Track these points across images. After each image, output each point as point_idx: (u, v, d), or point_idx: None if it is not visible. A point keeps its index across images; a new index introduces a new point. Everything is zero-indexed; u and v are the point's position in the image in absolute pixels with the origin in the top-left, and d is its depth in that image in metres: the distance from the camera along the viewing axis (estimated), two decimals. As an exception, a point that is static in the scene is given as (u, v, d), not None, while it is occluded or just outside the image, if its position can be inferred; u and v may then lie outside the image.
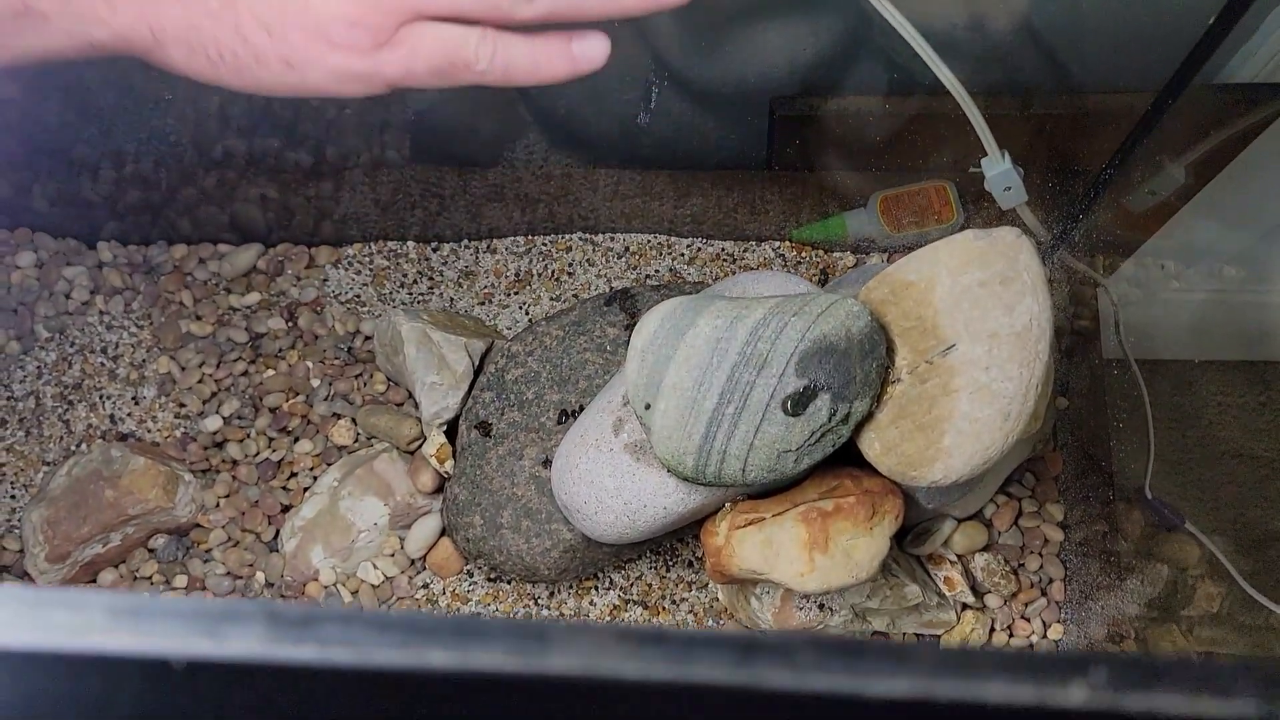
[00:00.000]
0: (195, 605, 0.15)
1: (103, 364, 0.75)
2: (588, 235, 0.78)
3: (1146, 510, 0.68)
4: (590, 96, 0.74)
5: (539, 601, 0.69)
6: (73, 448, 0.73)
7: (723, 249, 0.78)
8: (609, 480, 0.59)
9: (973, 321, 0.54)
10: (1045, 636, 0.68)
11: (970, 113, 0.64)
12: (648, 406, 0.55)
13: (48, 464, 0.73)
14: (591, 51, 0.41)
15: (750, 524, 0.58)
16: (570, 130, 0.77)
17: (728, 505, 0.60)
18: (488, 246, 0.79)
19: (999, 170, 0.67)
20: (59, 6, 0.36)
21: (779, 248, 0.78)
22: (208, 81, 0.38)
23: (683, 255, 0.78)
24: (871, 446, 0.55)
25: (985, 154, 0.67)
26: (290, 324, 0.77)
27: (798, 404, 0.53)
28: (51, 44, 0.37)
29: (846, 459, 0.58)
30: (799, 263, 0.77)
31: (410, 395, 0.72)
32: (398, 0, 0.37)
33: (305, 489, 0.71)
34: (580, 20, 0.40)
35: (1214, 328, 0.75)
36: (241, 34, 0.37)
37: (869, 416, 0.55)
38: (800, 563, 0.57)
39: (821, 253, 0.78)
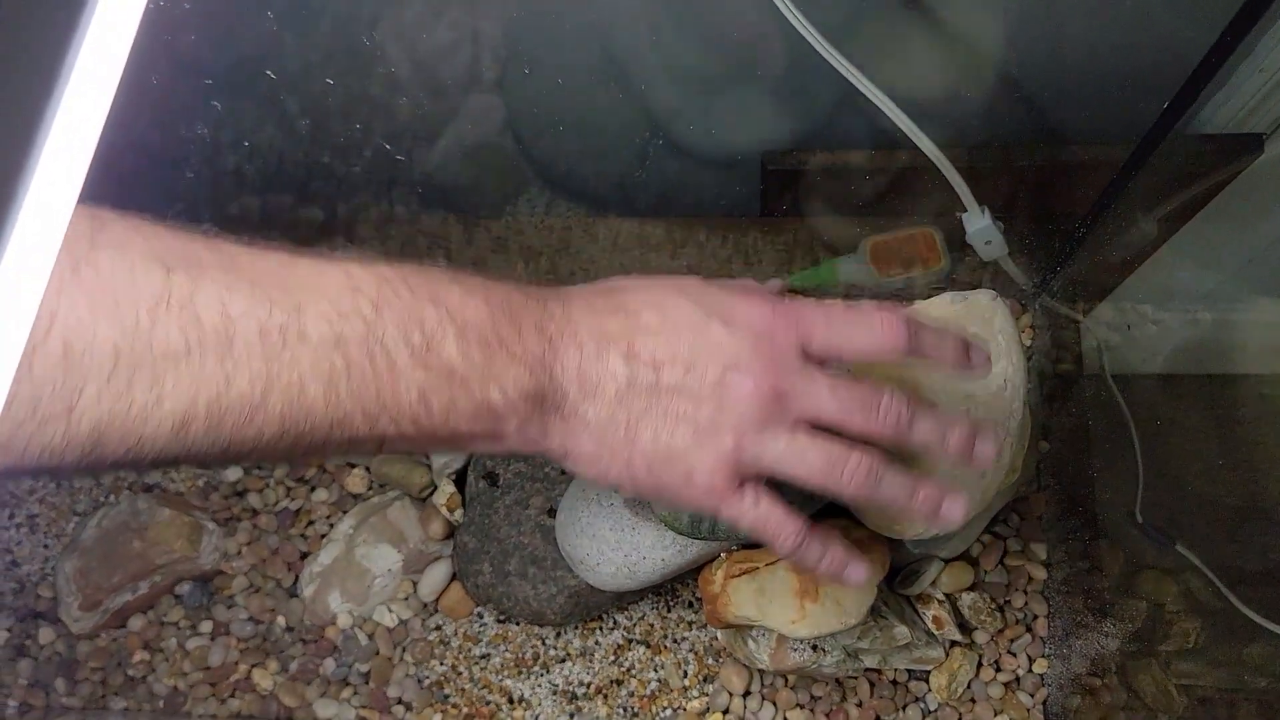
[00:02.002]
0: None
1: (128, 418, 0.79)
2: (588, 287, 0.82)
3: (1137, 535, 0.71)
4: (590, 153, 0.78)
5: (546, 642, 0.72)
6: (101, 499, 0.77)
7: (718, 298, 0.81)
8: (609, 534, 0.62)
9: (950, 382, 0.57)
10: (1030, 671, 0.71)
11: (948, 173, 0.67)
12: (645, 465, 0.59)
13: (78, 514, 0.76)
14: (954, 515, 0.48)
15: (744, 573, 0.61)
16: (571, 185, 0.81)
17: (723, 555, 0.63)
18: (493, 298, 0.82)
19: (979, 226, 0.70)
20: (503, 435, 0.43)
21: (772, 297, 0.81)
22: (583, 475, 0.46)
23: (679, 305, 0.81)
24: (856, 503, 0.58)
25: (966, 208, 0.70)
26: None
27: (785, 464, 0.56)
28: (487, 450, 0.47)
29: (835, 511, 0.61)
30: (791, 310, 0.80)
31: (421, 443, 0.76)
32: (747, 473, 0.45)
33: (322, 536, 0.75)
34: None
35: (1187, 356, 0.77)
36: (630, 466, 0.45)
37: (853, 474, 0.58)
38: (792, 610, 0.60)
39: (813, 300, 0.81)
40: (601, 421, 0.44)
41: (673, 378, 0.44)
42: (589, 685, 0.71)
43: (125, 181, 0.79)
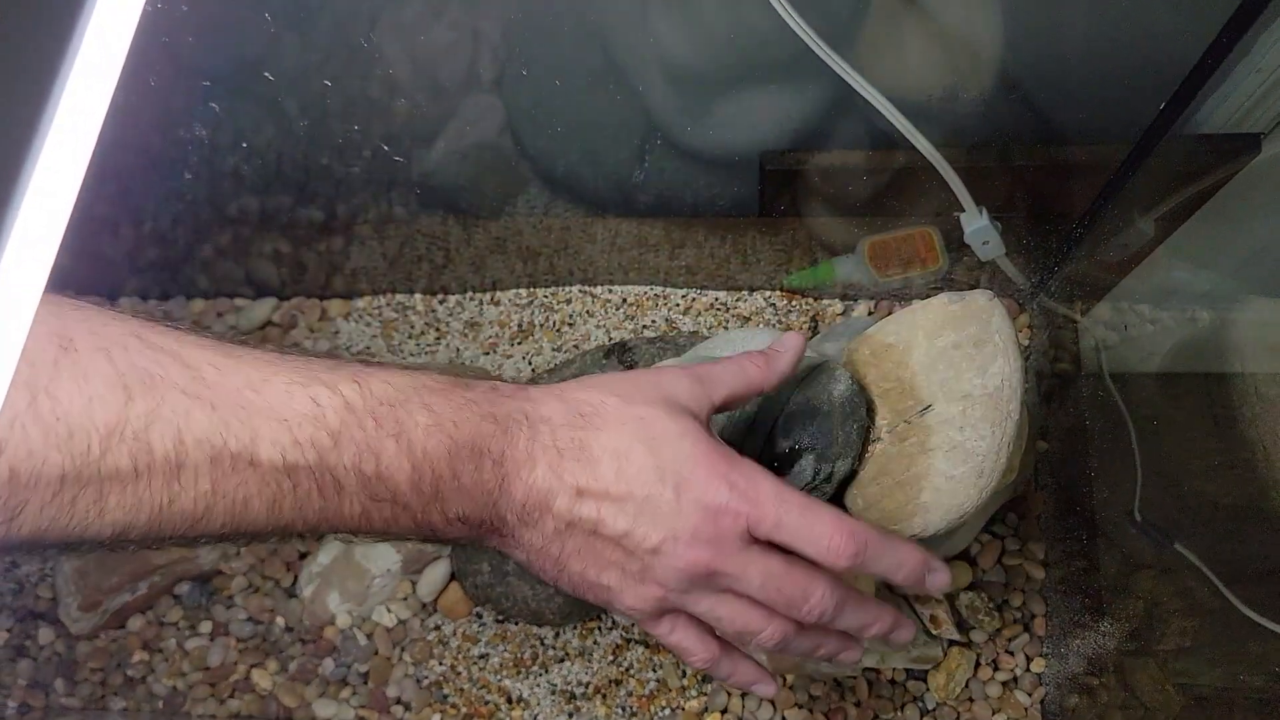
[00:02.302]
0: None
1: (127, 418, 0.79)
2: (587, 287, 0.82)
3: (1135, 533, 0.71)
4: (588, 155, 0.78)
5: (545, 642, 0.72)
6: (100, 499, 0.77)
7: (716, 299, 0.81)
8: (608, 534, 0.62)
9: (947, 383, 0.57)
10: (1029, 670, 0.71)
11: (946, 174, 0.67)
12: (643, 465, 0.59)
13: (77, 515, 0.76)
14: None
15: (742, 573, 0.61)
16: (570, 186, 0.81)
17: (721, 555, 0.63)
18: (491, 298, 0.82)
19: (977, 226, 0.71)
20: (439, 538, 0.47)
21: (770, 297, 0.81)
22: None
23: (678, 305, 0.81)
24: (855, 502, 0.59)
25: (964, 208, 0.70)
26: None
27: (783, 464, 0.56)
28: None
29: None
30: (789, 310, 0.81)
31: (420, 444, 0.76)
32: (660, 612, 0.49)
33: (321, 537, 0.75)
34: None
35: (1185, 355, 0.77)
36: (557, 581, 0.49)
37: (852, 474, 0.58)
38: (790, 610, 0.60)
39: (811, 300, 0.81)
40: (535, 547, 0.47)
41: (613, 530, 0.46)
42: (588, 685, 0.71)
43: (124, 182, 0.79)
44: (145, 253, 0.83)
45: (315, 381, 0.42)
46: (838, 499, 0.59)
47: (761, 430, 0.58)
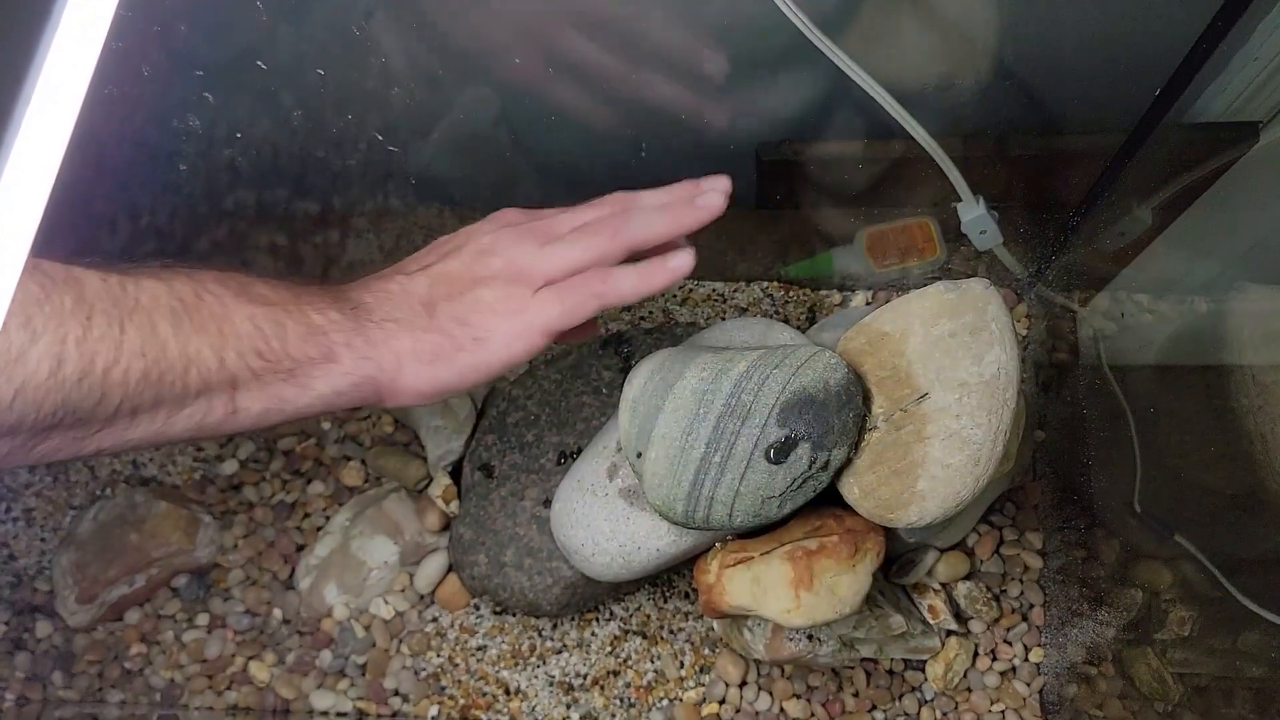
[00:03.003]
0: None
1: (124, 411, 0.79)
2: (584, 279, 0.82)
3: (1135, 524, 0.71)
4: (586, 146, 0.78)
5: (542, 633, 0.72)
6: (98, 492, 0.77)
7: (713, 290, 0.81)
8: (604, 524, 0.62)
9: (944, 371, 0.57)
10: (1027, 659, 0.71)
11: (942, 163, 0.67)
12: (639, 455, 0.59)
13: (74, 508, 0.76)
14: (683, 265, 0.58)
15: (739, 563, 0.61)
16: (566, 177, 0.81)
17: (718, 545, 0.63)
18: (488, 290, 0.82)
19: (974, 215, 0.70)
20: (335, 353, 0.51)
21: (767, 288, 0.81)
22: (428, 384, 0.53)
23: (675, 297, 0.81)
24: (851, 491, 0.58)
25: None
26: (301, 368, 0.80)
27: (780, 453, 0.56)
28: (332, 387, 0.51)
29: (830, 499, 0.61)
30: (787, 301, 0.80)
31: (416, 436, 0.76)
32: (526, 281, 0.55)
33: (318, 529, 0.75)
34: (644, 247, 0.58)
35: (1186, 351, 0.77)
36: (445, 331, 0.53)
37: (848, 462, 0.58)
38: (787, 599, 0.60)
39: (808, 291, 0.81)
40: (404, 314, 0.53)
41: (441, 263, 0.55)
42: (585, 676, 0.71)
43: (121, 176, 0.79)
44: (142, 247, 0.83)
45: (142, 269, 0.49)
46: (833, 487, 0.59)
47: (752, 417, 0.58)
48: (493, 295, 0.54)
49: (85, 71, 0.22)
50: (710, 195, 0.59)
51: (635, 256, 0.58)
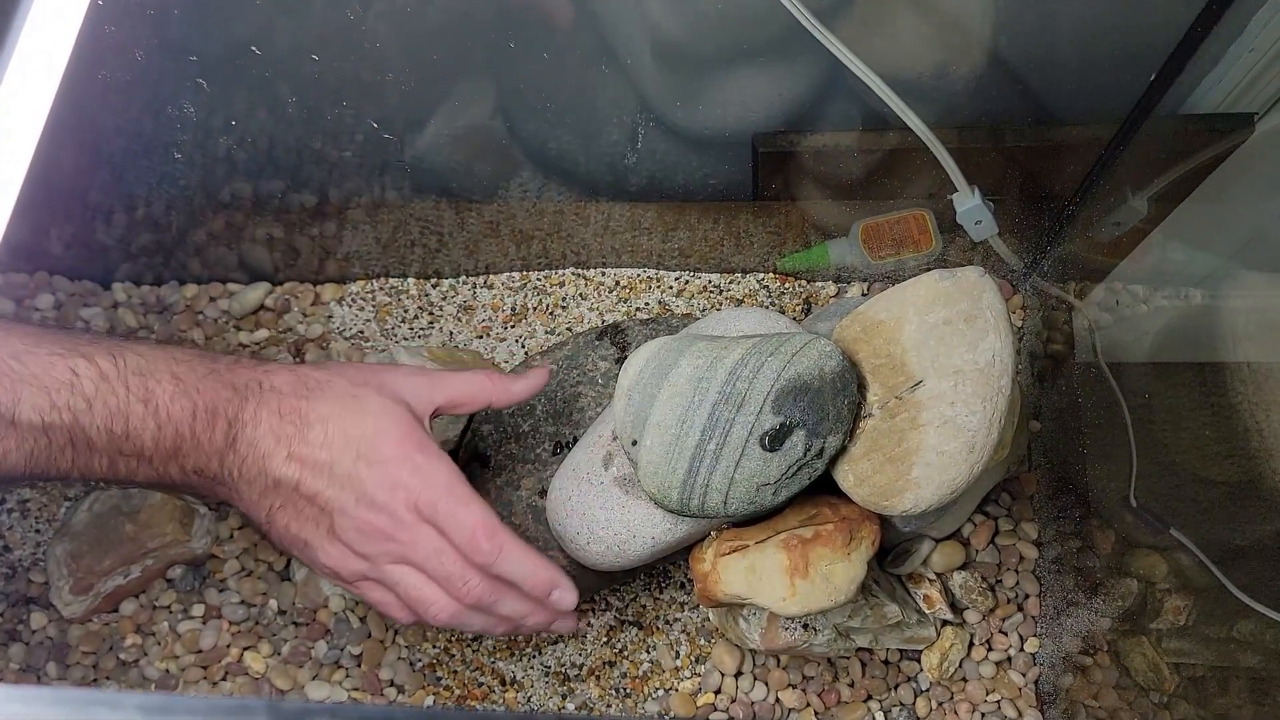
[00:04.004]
0: (211, 703, 0.18)
1: (120, 402, 0.79)
2: (580, 270, 0.82)
3: (1130, 518, 0.71)
4: (581, 138, 0.78)
5: (538, 624, 0.72)
6: (93, 483, 0.77)
7: (709, 281, 0.81)
8: (600, 512, 0.62)
9: (939, 358, 0.57)
10: (1022, 649, 0.71)
11: (938, 152, 0.67)
12: (635, 443, 0.59)
13: (69, 499, 0.76)
14: (565, 603, 0.60)
15: (734, 551, 0.61)
16: (562, 169, 0.81)
17: (713, 533, 0.63)
18: (485, 282, 0.82)
19: (969, 205, 0.71)
20: (204, 491, 0.57)
21: (763, 279, 0.81)
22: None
23: (671, 288, 0.81)
24: (846, 478, 0.58)
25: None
26: (298, 360, 0.80)
27: (775, 440, 0.56)
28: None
29: (825, 487, 0.61)
30: (783, 293, 0.80)
31: (413, 427, 0.76)
32: (353, 575, 0.57)
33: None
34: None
35: (1182, 341, 0.77)
36: (276, 538, 0.58)
37: (843, 450, 0.58)
38: (782, 588, 0.60)
39: (804, 282, 0.81)
40: (251, 501, 0.55)
41: (309, 490, 0.54)
42: (581, 667, 0.71)
43: (117, 168, 0.79)
44: (138, 238, 0.83)
45: (75, 353, 0.50)
46: (828, 475, 0.59)
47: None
48: (319, 560, 0.56)
49: (62, 50, 0.22)
50: (563, 596, 0.60)
51: None
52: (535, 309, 0.81)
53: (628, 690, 0.71)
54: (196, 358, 0.55)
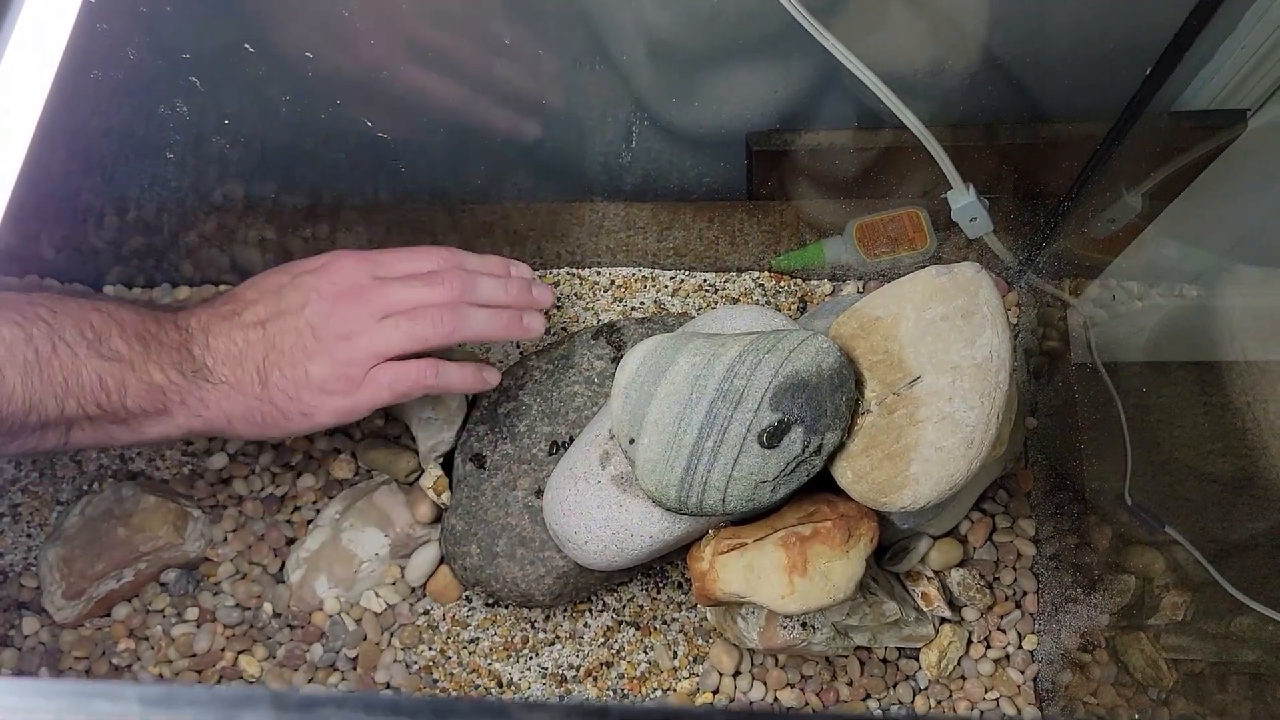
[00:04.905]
0: (214, 694, 0.18)
1: (112, 405, 0.78)
2: (575, 270, 0.81)
3: (1126, 517, 0.71)
4: (574, 137, 0.77)
5: (535, 625, 0.72)
6: (85, 487, 0.76)
7: (705, 280, 0.81)
8: (597, 511, 0.62)
9: (936, 354, 0.57)
10: (1020, 647, 0.71)
11: (933, 149, 0.67)
12: (632, 441, 0.58)
13: (61, 503, 0.76)
14: (535, 327, 0.66)
15: (733, 549, 0.61)
16: (556, 168, 0.80)
17: (711, 532, 0.62)
18: (479, 282, 0.82)
19: (964, 202, 0.71)
20: (170, 409, 0.57)
21: (759, 278, 0.81)
22: (255, 437, 0.61)
23: (666, 287, 0.81)
24: (844, 475, 0.58)
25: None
26: (291, 362, 0.79)
27: (773, 437, 0.56)
28: (163, 433, 0.58)
29: (824, 484, 0.61)
30: (778, 292, 0.80)
31: (407, 428, 0.75)
32: (361, 362, 0.59)
33: (308, 522, 0.74)
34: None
35: (1176, 338, 0.77)
36: (274, 403, 0.58)
37: (841, 446, 0.58)
38: (781, 586, 0.60)
39: (799, 281, 0.81)
40: (239, 379, 0.58)
41: (276, 326, 0.58)
42: (578, 668, 0.71)
43: (108, 170, 0.79)
44: (130, 240, 0.82)
45: (9, 305, 0.53)
46: (826, 472, 0.59)
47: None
48: (323, 373, 0.59)
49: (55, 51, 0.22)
50: (535, 319, 0.66)
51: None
52: (530, 309, 0.81)
53: (625, 691, 0.70)
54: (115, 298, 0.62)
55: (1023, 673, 0.70)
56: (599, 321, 0.80)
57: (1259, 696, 0.62)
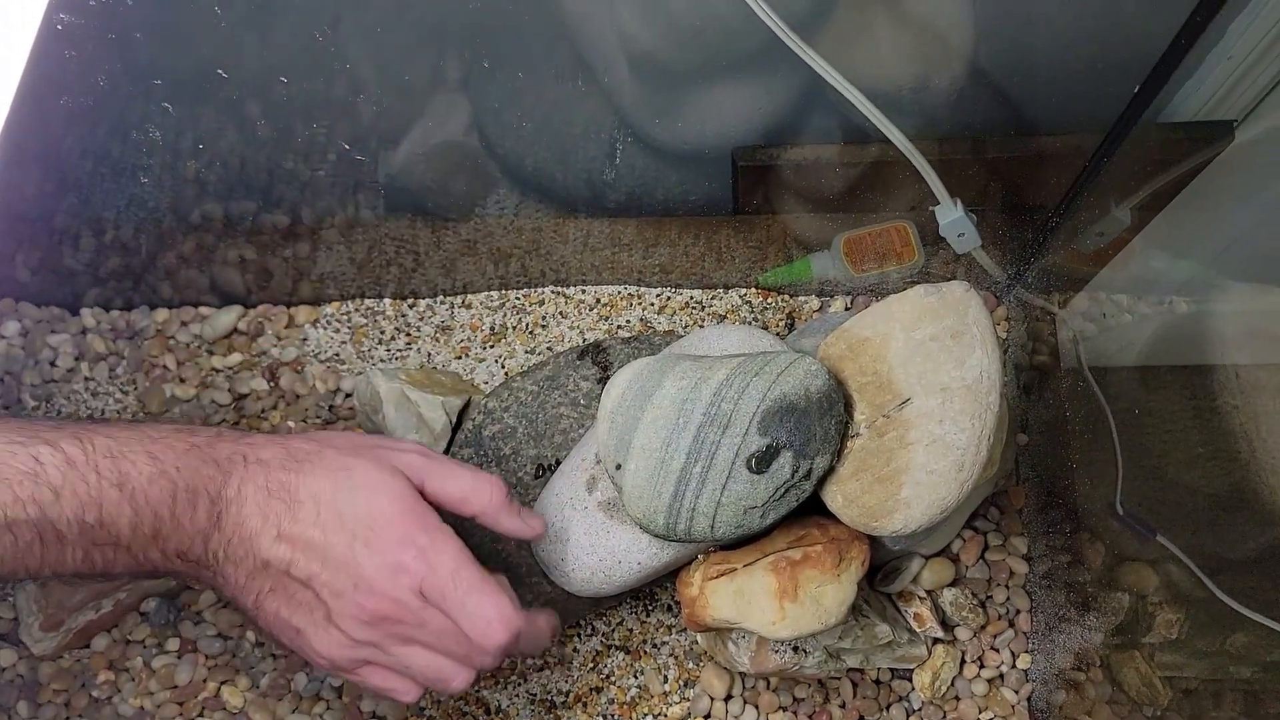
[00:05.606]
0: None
1: (89, 432, 0.77)
2: (559, 288, 0.81)
3: (1118, 526, 0.70)
4: (558, 154, 0.77)
5: (523, 650, 0.71)
6: (63, 515, 0.75)
7: (691, 297, 0.80)
8: (584, 538, 0.61)
9: (926, 375, 0.56)
10: (1014, 666, 0.70)
11: (919, 165, 0.66)
12: (619, 467, 0.57)
13: (39, 532, 0.74)
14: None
15: (722, 575, 0.60)
16: (539, 185, 0.79)
17: (700, 557, 0.62)
18: (462, 301, 0.81)
19: (952, 218, 0.70)
20: (158, 573, 0.50)
21: (745, 294, 0.80)
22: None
23: (652, 305, 0.80)
24: (834, 499, 0.57)
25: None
26: (272, 384, 0.78)
27: (761, 462, 0.55)
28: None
29: (814, 507, 0.60)
30: (765, 308, 0.79)
31: (391, 451, 0.74)
32: (354, 661, 0.52)
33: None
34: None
35: (1164, 345, 0.77)
36: (259, 623, 0.52)
37: (831, 470, 0.57)
38: (771, 611, 0.59)
39: (787, 297, 0.80)
40: (238, 584, 0.51)
41: (303, 573, 0.50)
42: (568, 694, 0.70)
43: (84, 191, 0.77)
44: (107, 262, 0.81)
45: (37, 440, 0.45)
46: (816, 495, 0.58)
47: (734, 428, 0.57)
48: (314, 646, 0.51)
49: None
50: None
51: None
52: (514, 328, 0.80)
53: (615, 717, 0.69)
54: (173, 433, 0.50)
55: (1017, 692, 0.69)
56: (584, 340, 0.79)
57: (1253, 712, 0.62)
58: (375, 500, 0.51)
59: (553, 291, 0.81)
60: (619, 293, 0.80)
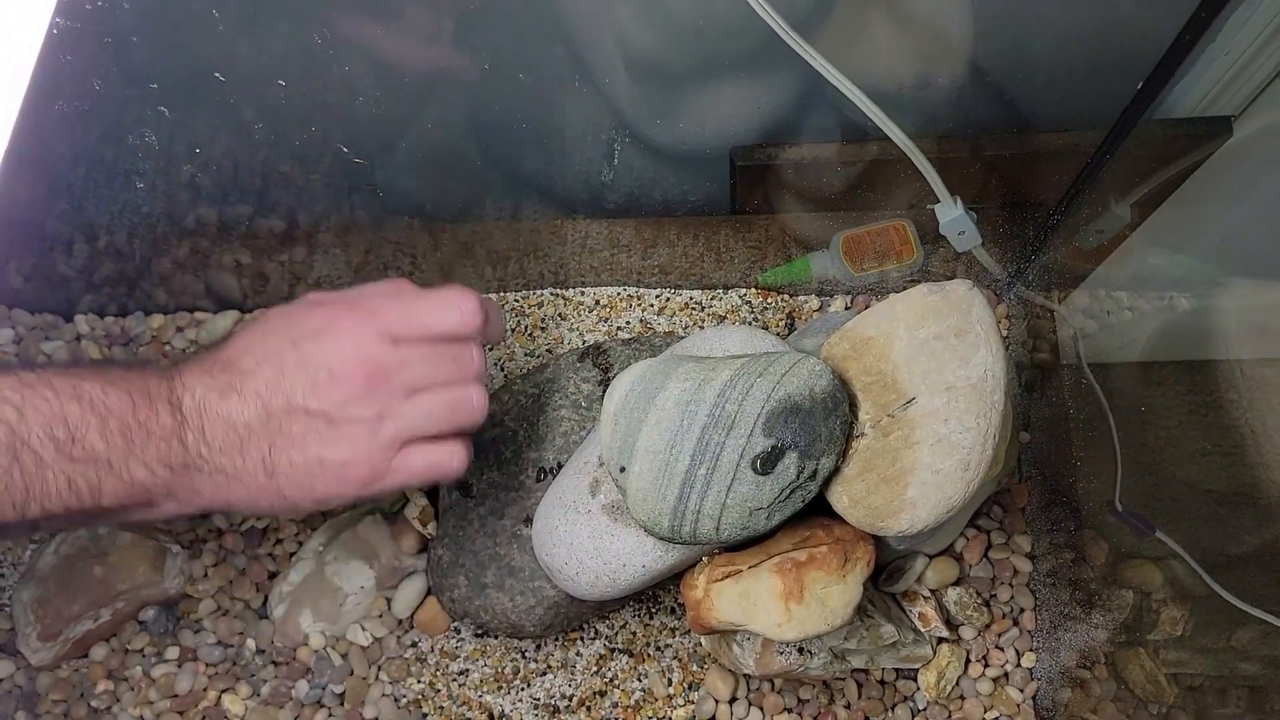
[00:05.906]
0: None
1: (85, 439, 0.76)
2: (558, 290, 0.80)
3: (1117, 523, 0.70)
4: (556, 155, 0.76)
5: (526, 655, 0.70)
6: (59, 524, 0.74)
7: (691, 298, 0.80)
8: (588, 541, 0.60)
9: (930, 375, 0.56)
10: (1019, 665, 0.70)
11: (919, 163, 0.66)
12: (623, 469, 0.57)
13: (35, 542, 0.73)
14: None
15: (727, 577, 0.60)
16: (537, 186, 0.79)
17: (705, 559, 0.61)
18: (461, 304, 0.80)
19: (952, 216, 0.70)
20: (155, 502, 0.49)
21: (745, 294, 0.80)
22: (259, 515, 0.56)
23: (652, 306, 0.79)
24: (840, 500, 0.57)
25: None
26: (269, 390, 0.78)
27: (766, 463, 0.54)
28: (146, 519, 0.50)
29: (818, 509, 0.59)
30: (765, 308, 0.79)
31: (391, 456, 0.74)
32: (386, 449, 0.52)
33: (291, 554, 0.72)
34: None
35: (1163, 341, 0.77)
36: (283, 493, 0.51)
37: (836, 471, 0.57)
38: (777, 613, 0.58)
39: (787, 297, 0.80)
40: (239, 468, 0.49)
41: (280, 403, 0.49)
42: (571, 698, 0.69)
43: (77, 197, 0.77)
44: (101, 268, 0.80)
45: None
46: (821, 496, 0.58)
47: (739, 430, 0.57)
48: (342, 460, 0.51)
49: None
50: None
51: None
52: (513, 330, 0.79)
53: (620, 720, 0.69)
54: (105, 361, 0.52)
55: (1022, 691, 0.69)
56: (584, 343, 0.78)
57: (1258, 709, 0.62)
58: (293, 308, 0.53)
59: (551, 293, 0.80)
60: (618, 294, 0.80)
